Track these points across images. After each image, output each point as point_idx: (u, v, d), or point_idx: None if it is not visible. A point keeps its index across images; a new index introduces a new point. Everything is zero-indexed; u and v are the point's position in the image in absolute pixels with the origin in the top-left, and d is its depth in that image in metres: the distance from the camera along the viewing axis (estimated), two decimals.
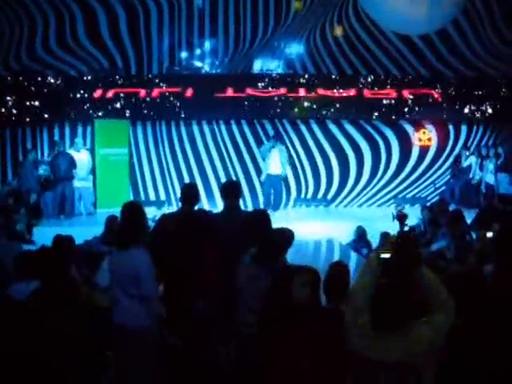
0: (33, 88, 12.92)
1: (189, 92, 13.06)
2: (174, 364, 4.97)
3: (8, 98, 12.87)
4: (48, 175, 12.61)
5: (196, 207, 6.08)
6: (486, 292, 3.80)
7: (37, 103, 12.92)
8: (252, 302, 4.53)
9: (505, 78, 13.95)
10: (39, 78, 12.96)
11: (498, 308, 3.64)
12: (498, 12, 13.93)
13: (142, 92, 13.07)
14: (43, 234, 10.16)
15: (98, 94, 12.96)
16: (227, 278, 5.06)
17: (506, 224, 6.24)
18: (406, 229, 8.06)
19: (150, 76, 13.54)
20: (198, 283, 5.22)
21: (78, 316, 4.18)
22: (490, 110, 13.83)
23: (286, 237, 5.07)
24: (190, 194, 5.99)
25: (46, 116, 13.09)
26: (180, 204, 6.05)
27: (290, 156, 13.71)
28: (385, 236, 9.63)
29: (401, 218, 7.92)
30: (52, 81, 12.99)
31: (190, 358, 4.98)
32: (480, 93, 13.76)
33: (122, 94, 13.07)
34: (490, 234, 6.57)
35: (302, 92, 13.36)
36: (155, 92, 13.08)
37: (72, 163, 12.42)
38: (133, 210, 5.39)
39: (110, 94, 12.99)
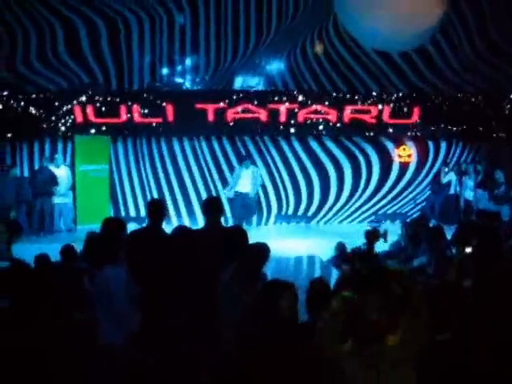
0: (13, 103, 12.80)
1: (169, 108, 12.97)
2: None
3: None
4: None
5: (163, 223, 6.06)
6: (465, 306, 3.82)
7: (17, 119, 12.78)
8: (232, 321, 4.49)
9: (483, 95, 14.10)
10: (19, 94, 12.85)
11: (478, 321, 3.66)
12: (475, 29, 14.13)
13: (123, 108, 12.96)
14: (23, 251, 10.02)
15: (78, 109, 12.85)
16: (207, 295, 5.02)
17: (484, 240, 6.29)
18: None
19: (131, 92, 13.51)
20: (173, 300, 5.15)
21: (48, 334, 4.13)
22: (469, 128, 13.94)
23: (261, 252, 5.06)
24: (156, 210, 5.97)
25: (26, 132, 12.98)
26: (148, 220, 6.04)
27: (271, 174, 13.80)
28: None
29: (369, 236, 7.98)
30: (32, 96, 12.88)
31: (167, 376, 4.91)
32: (459, 110, 13.87)
33: (102, 110, 12.97)
34: (468, 250, 6.62)
35: (283, 110, 13.33)
36: (136, 109, 12.98)
37: (52, 179, 12.34)
38: (109, 226, 5.34)
39: (90, 109, 12.88)
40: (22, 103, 12.75)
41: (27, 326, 4.12)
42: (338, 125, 13.41)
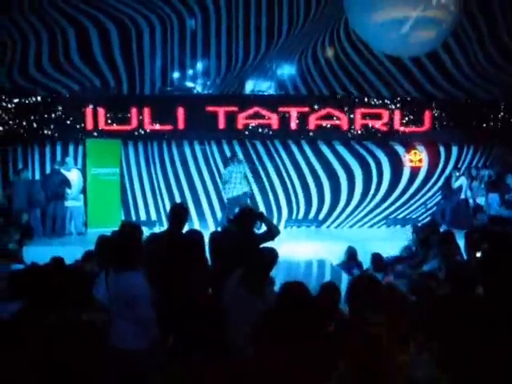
0: (25, 107, 12.85)
1: (180, 112, 12.95)
2: None
3: None
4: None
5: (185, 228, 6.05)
6: (476, 313, 3.80)
7: (28, 122, 12.85)
8: (241, 325, 4.48)
9: (495, 100, 14.04)
10: (31, 97, 12.91)
11: (489, 328, 3.64)
12: (488, 36, 14.07)
13: (134, 112, 12.96)
14: (34, 254, 10.10)
15: (89, 113, 12.88)
16: (218, 299, 5.03)
17: (494, 245, 6.26)
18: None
19: (142, 96, 13.57)
20: (187, 303, 5.15)
21: (64, 336, 4.13)
22: (480, 132, 13.87)
23: (270, 257, 5.05)
24: (178, 214, 5.95)
25: (38, 135, 13.03)
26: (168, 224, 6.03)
27: (282, 178, 13.84)
28: (376, 257, 9.67)
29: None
30: (44, 100, 12.93)
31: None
32: (470, 115, 13.81)
33: (113, 114, 12.97)
34: (478, 254, 6.60)
35: (294, 114, 13.30)
36: (147, 113, 12.97)
37: (64, 182, 12.39)
38: (131, 230, 5.34)
39: (101, 113, 12.91)
40: (34, 106, 12.85)
41: (40, 327, 4.13)
42: (350, 130, 13.38)
